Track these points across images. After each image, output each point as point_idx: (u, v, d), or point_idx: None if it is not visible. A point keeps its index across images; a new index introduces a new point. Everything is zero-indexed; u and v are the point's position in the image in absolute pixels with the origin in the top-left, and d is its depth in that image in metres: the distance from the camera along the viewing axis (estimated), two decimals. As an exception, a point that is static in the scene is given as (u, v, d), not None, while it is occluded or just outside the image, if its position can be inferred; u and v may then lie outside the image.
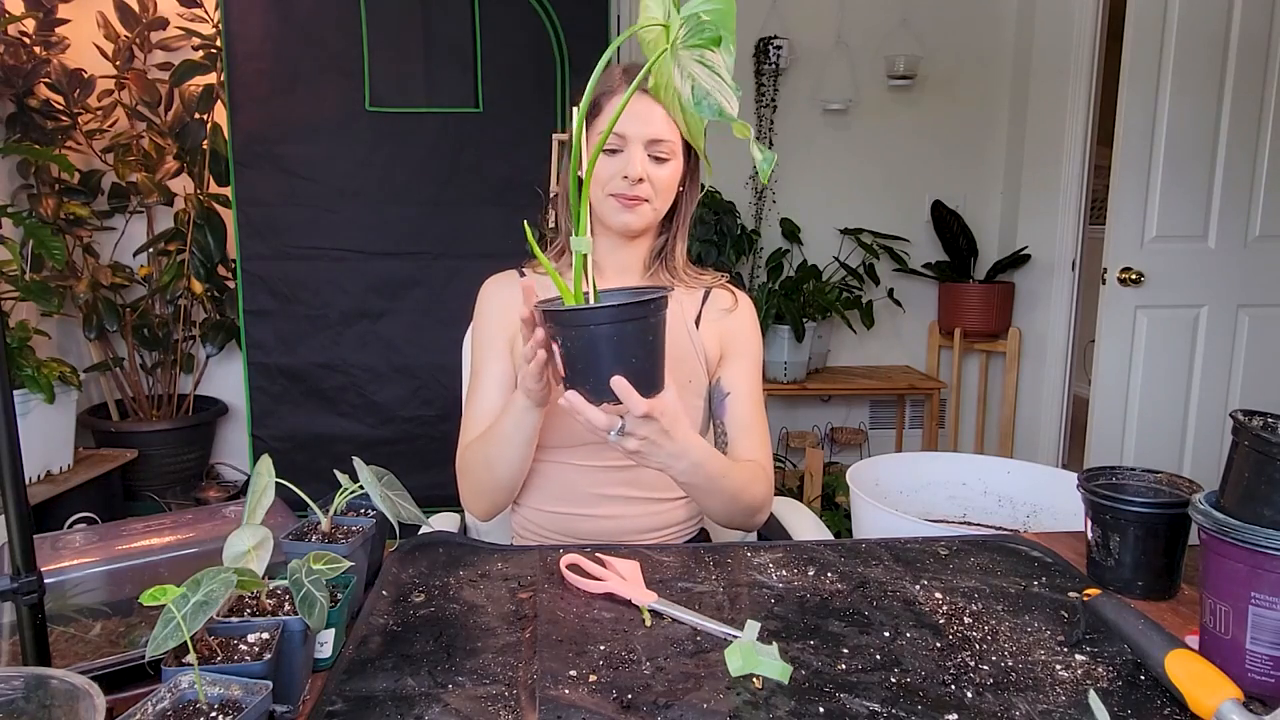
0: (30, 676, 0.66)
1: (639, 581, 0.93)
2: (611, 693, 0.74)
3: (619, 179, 1.18)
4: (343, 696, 0.74)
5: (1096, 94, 3.19)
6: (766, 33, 3.30)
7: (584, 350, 0.87)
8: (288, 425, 3.02)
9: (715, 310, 1.30)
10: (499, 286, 1.32)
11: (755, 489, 1.20)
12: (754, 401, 1.29)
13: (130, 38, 3.05)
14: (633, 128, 1.18)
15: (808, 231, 3.44)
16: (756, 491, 1.20)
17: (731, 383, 1.28)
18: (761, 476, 1.23)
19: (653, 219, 1.24)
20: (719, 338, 1.29)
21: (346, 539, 0.89)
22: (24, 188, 2.98)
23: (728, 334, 1.29)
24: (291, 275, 2.97)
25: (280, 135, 2.90)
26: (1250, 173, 2.74)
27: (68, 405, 2.69)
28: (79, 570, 0.98)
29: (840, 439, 3.54)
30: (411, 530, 0.98)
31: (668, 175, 1.21)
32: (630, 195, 1.19)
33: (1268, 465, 0.74)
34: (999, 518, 1.43)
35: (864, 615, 0.89)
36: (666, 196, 1.23)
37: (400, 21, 2.90)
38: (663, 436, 0.97)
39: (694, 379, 1.26)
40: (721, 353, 1.29)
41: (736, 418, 1.27)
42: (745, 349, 1.30)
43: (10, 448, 0.77)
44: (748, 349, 1.30)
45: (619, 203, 1.20)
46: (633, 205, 1.20)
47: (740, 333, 1.30)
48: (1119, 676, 0.78)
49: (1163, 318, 2.82)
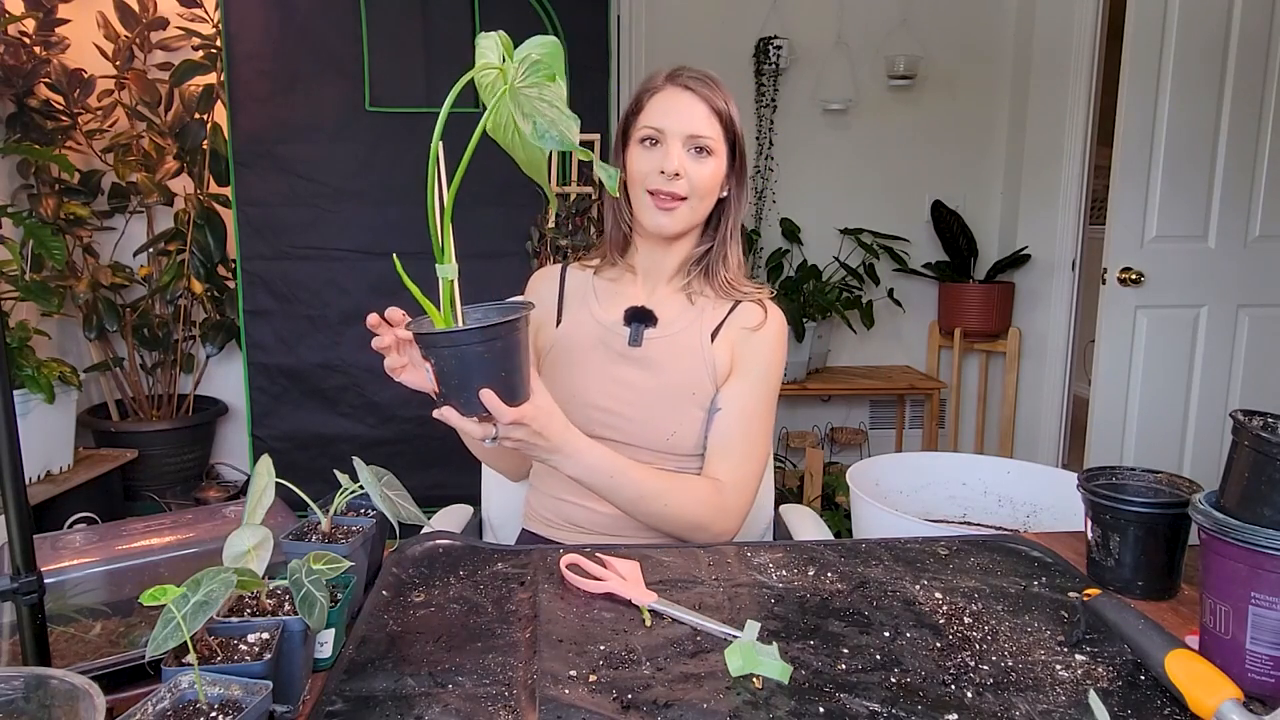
0: (30, 676, 0.66)
1: (639, 581, 0.93)
2: (611, 693, 0.74)
3: (656, 174, 1.18)
4: (343, 696, 0.74)
5: (1096, 94, 3.19)
6: (766, 33, 3.30)
7: (455, 369, 0.93)
8: (288, 425, 3.02)
9: (737, 325, 1.27)
10: (536, 280, 1.38)
11: (695, 509, 1.18)
12: (744, 422, 1.25)
13: (130, 38, 3.05)
14: (671, 121, 1.18)
15: (808, 231, 3.44)
16: (696, 511, 1.18)
17: (726, 399, 1.25)
18: (710, 497, 1.19)
19: (689, 221, 1.23)
20: (732, 352, 1.27)
21: (346, 539, 0.90)
22: (24, 188, 2.98)
23: (742, 350, 1.27)
24: (291, 275, 2.97)
25: (280, 135, 2.90)
26: (1250, 173, 2.74)
27: (68, 405, 2.69)
28: (79, 570, 0.98)
29: (840, 439, 3.54)
30: (411, 530, 0.98)
31: (708, 174, 1.20)
32: (667, 192, 1.19)
33: (1268, 465, 0.74)
34: (999, 518, 1.43)
35: (864, 615, 0.89)
36: (705, 197, 1.22)
37: (400, 21, 2.90)
38: (535, 437, 1.02)
39: (697, 391, 1.25)
40: (731, 368, 1.27)
41: (718, 435, 1.25)
42: (754, 368, 1.26)
43: (10, 448, 0.77)
44: (756, 368, 1.26)
45: (655, 203, 1.20)
46: (669, 207, 1.20)
47: (755, 353, 1.26)
48: (1119, 676, 0.78)
49: (1163, 318, 2.81)
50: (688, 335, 1.27)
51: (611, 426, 1.25)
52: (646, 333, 1.27)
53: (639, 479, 1.15)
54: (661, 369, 1.26)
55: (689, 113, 1.19)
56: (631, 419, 1.25)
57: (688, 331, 1.27)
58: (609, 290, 1.33)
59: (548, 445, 1.04)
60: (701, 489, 1.20)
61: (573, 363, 1.29)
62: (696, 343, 1.26)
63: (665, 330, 1.27)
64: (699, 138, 1.19)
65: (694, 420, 1.25)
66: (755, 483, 1.27)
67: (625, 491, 1.14)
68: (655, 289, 1.30)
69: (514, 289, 1.45)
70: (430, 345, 0.94)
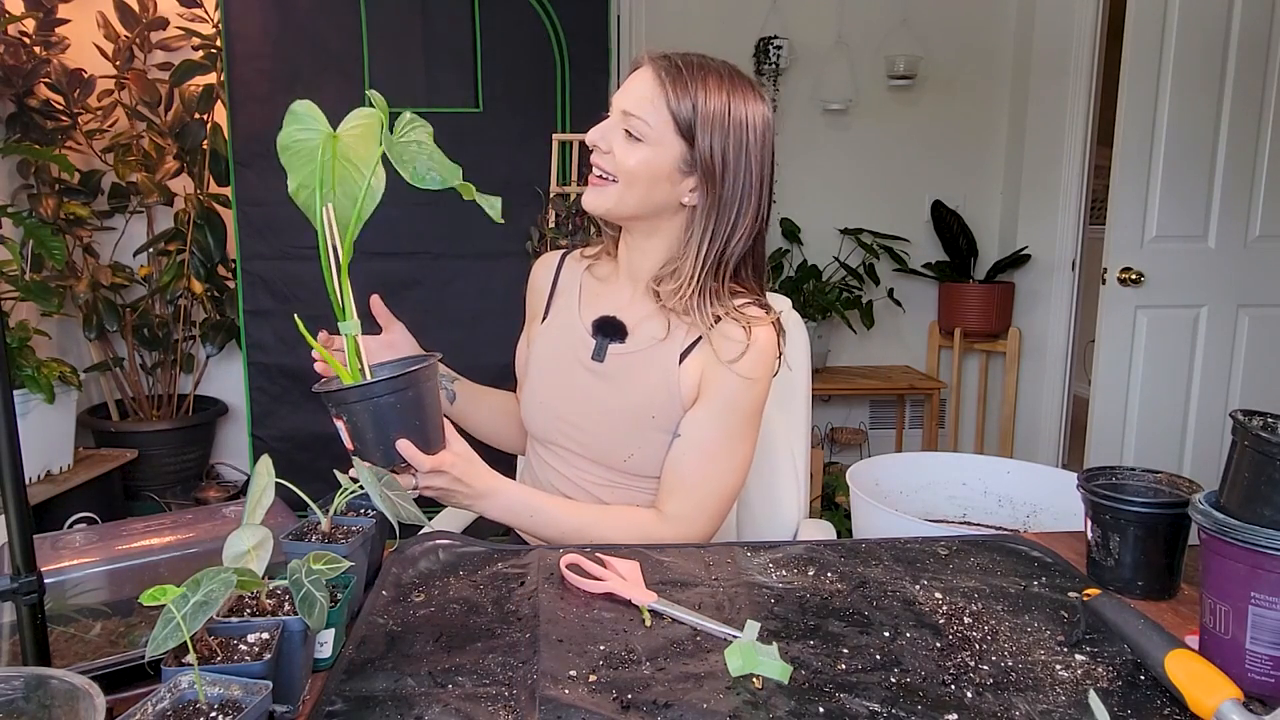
0: (30, 676, 0.66)
1: (639, 581, 0.93)
2: (611, 693, 0.74)
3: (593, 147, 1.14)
4: (343, 696, 0.74)
5: (1096, 94, 3.19)
6: (766, 33, 3.30)
7: (368, 422, 0.94)
8: (288, 425, 3.01)
9: (711, 349, 1.14)
10: (538, 267, 1.37)
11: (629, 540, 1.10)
12: (701, 455, 1.15)
13: (130, 38, 3.05)
14: (620, 96, 1.13)
15: (808, 231, 3.44)
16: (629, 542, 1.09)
17: (686, 427, 1.15)
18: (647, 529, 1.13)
19: (620, 208, 1.13)
20: (701, 375, 1.15)
21: (346, 539, 0.89)
22: (24, 188, 2.98)
23: (710, 377, 1.14)
24: (291, 275, 2.96)
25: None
26: (1250, 173, 2.74)
27: (68, 405, 2.69)
28: (79, 570, 0.98)
29: (840, 439, 3.54)
30: (411, 530, 0.98)
31: (634, 160, 1.10)
32: (598, 165, 1.13)
33: (1268, 465, 0.74)
34: (999, 518, 1.43)
35: (864, 615, 0.89)
36: (634, 185, 1.11)
37: (400, 21, 2.90)
38: (456, 484, 1.03)
39: (658, 414, 1.16)
40: (699, 392, 1.16)
41: (671, 465, 1.16)
42: (721, 399, 1.14)
43: (10, 448, 0.77)
44: (724, 400, 1.14)
45: (590, 178, 1.15)
46: (597, 184, 1.13)
47: (724, 384, 1.13)
48: (1119, 676, 0.78)
49: (1163, 318, 2.81)
50: (654, 354, 1.17)
51: (572, 439, 1.21)
52: (612, 347, 1.20)
53: (560, 516, 1.13)
54: (622, 387, 1.18)
55: (633, 89, 1.11)
56: (592, 434, 1.20)
57: (655, 350, 1.18)
58: (595, 290, 1.27)
59: (470, 491, 1.05)
60: (639, 521, 1.15)
61: (545, 365, 1.25)
62: (662, 363, 1.16)
63: (632, 346, 1.19)
64: (630, 117, 1.09)
65: (655, 444, 1.17)
66: (706, 520, 1.16)
67: (547, 529, 1.13)
68: (636, 292, 1.22)
69: (514, 289, 1.45)
70: (341, 402, 0.94)
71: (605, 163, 1.12)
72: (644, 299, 1.21)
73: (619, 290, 1.24)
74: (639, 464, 1.19)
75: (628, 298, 1.23)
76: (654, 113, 1.09)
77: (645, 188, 1.12)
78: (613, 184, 1.12)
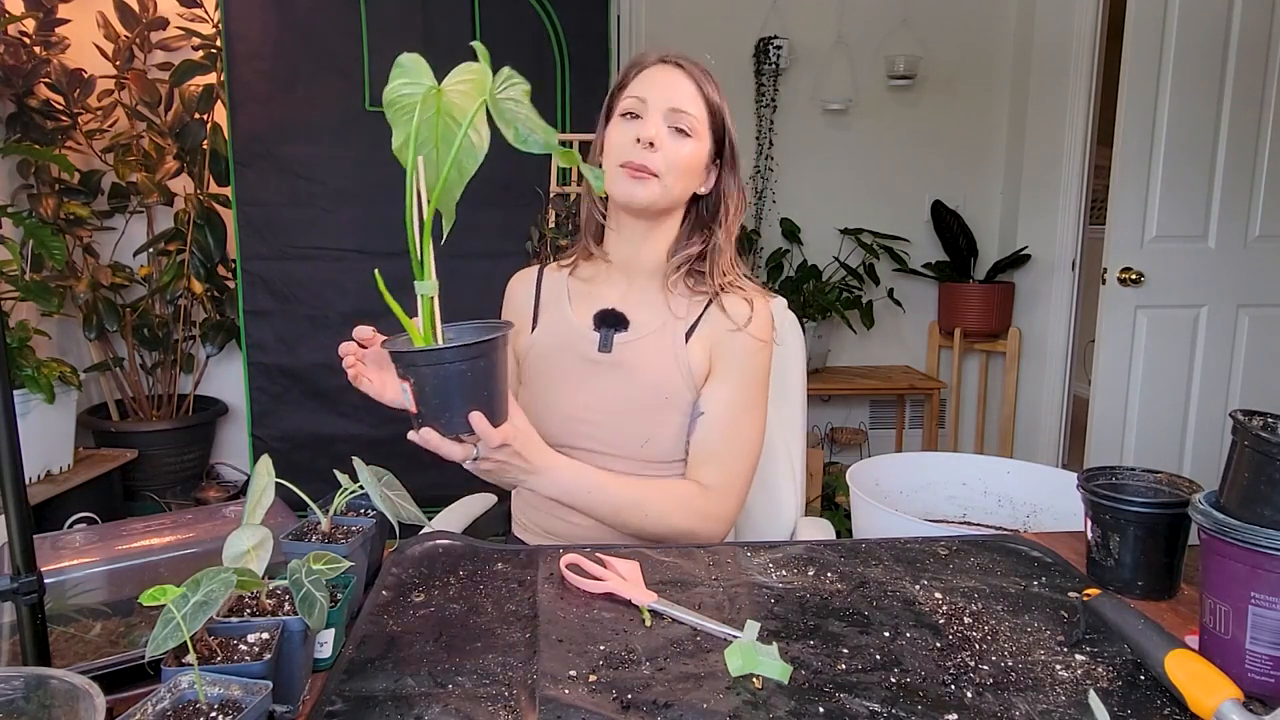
0: (30, 676, 0.66)
1: (639, 581, 0.93)
2: (611, 693, 0.74)
3: (632, 144, 1.14)
4: (342, 696, 0.74)
5: (1096, 94, 3.19)
6: (766, 33, 3.30)
7: (436, 389, 0.90)
8: (288, 425, 3.01)
9: (716, 324, 1.21)
10: (516, 282, 1.37)
11: (677, 516, 1.15)
12: (728, 424, 1.20)
13: (130, 38, 3.05)
14: (656, 93, 1.16)
15: (808, 231, 3.44)
16: (678, 519, 1.16)
17: (707, 401, 1.20)
18: (693, 501, 1.17)
19: (660, 200, 1.17)
20: (711, 352, 1.21)
21: (346, 539, 0.90)
22: (24, 188, 2.98)
23: (724, 350, 1.20)
24: (291, 275, 2.97)
25: (280, 135, 2.90)
26: (1250, 173, 2.74)
27: (68, 405, 2.69)
28: (79, 570, 0.98)
29: (840, 439, 3.54)
30: (411, 530, 0.98)
31: (685, 154, 1.16)
32: (640, 163, 1.14)
33: (1268, 465, 0.74)
34: (999, 518, 1.43)
35: (864, 615, 0.89)
36: (679, 178, 1.16)
37: (400, 21, 2.90)
38: (516, 459, 1.02)
39: (671, 395, 1.20)
40: (710, 368, 1.21)
41: (700, 438, 1.20)
42: (736, 368, 1.20)
43: (10, 448, 0.77)
44: (739, 367, 1.20)
45: (628, 173, 1.15)
46: (639, 176, 1.15)
47: (736, 352, 1.20)
48: (1119, 676, 0.78)
49: (1163, 318, 2.82)
50: (660, 337, 1.22)
51: (586, 436, 1.22)
52: (616, 337, 1.22)
53: (616, 491, 1.14)
54: (633, 373, 1.21)
55: (675, 87, 1.16)
56: (605, 427, 1.21)
57: (660, 333, 1.22)
58: (583, 291, 1.28)
59: (527, 467, 1.04)
60: (683, 494, 1.17)
61: (547, 371, 1.25)
62: (669, 344, 1.21)
63: (637, 333, 1.22)
64: (680, 113, 1.15)
65: (670, 425, 1.21)
66: (743, 485, 1.22)
67: (603, 507, 1.13)
68: (633, 284, 1.25)
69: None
70: (410, 364, 0.91)
71: (652, 160, 1.15)
72: (639, 289, 1.24)
73: (612, 285, 1.27)
74: (655, 449, 1.21)
75: (622, 291, 1.26)
76: (696, 107, 1.17)
77: (687, 179, 1.19)
78: (654, 178, 1.16)
